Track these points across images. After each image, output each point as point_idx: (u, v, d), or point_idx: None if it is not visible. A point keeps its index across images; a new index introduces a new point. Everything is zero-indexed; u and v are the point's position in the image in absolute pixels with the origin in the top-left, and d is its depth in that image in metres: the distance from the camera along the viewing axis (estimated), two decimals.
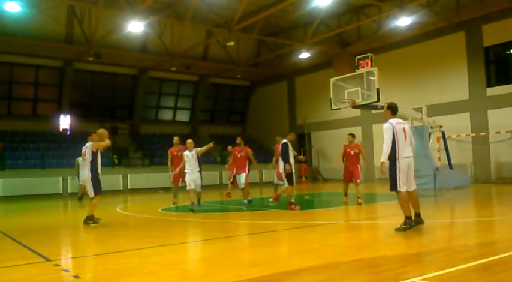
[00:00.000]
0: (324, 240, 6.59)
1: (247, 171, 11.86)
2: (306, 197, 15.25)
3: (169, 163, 12.33)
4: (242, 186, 11.74)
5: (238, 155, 11.86)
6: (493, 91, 19.24)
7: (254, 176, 25.04)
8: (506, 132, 17.83)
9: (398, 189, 6.81)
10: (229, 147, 12.82)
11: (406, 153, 6.82)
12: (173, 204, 12.27)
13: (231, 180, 12.10)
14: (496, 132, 18.44)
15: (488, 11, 18.86)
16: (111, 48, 22.55)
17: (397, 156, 6.77)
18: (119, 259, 5.75)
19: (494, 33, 19.14)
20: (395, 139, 6.80)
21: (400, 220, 6.96)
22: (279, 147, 10.66)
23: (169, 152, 12.36)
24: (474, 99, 19.71)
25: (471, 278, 4.17)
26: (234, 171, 11.91)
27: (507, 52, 19.78)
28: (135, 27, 19.18)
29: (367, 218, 9.00)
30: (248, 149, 11.99)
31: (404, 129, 6.88)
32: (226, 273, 4.67)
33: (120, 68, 25.86)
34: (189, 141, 10.88)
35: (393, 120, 6.97)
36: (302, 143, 27.62)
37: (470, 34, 19.97)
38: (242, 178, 11.69)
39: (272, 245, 6.34)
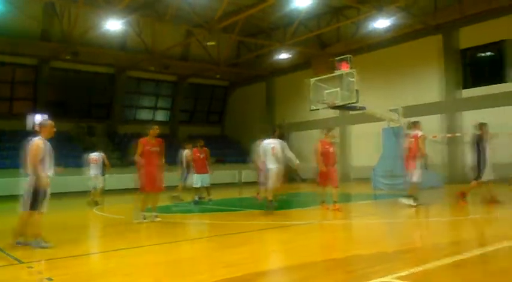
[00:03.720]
0: (298, 240, 6.65)
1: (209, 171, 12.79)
2: (283, 197, 15.30)
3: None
4: (207, 186, 12.74)
5: (201, 156, 12.67)
6: (468, 93, 19.68)
7: (233, 176, 25.16)
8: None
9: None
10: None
11: (271, 165, 9.51)
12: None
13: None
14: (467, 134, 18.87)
15: (465, 14, 19.27)
16: (89, 47, 22.23)
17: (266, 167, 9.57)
18: (94, 261, 5.70)
19: (470, 36, 19.58)
20: (264, 155, 9.54)
21: (374, 219, 7.08)
22: None
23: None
24: (450, 100, 20.13)
25: (442, 276, 4.28)
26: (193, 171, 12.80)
27: (482, 54, 20.29)
28: (114, 25, 18.96)
29: (341, 218, 9.11)
30: (207, 150, 12.92)
31: (272, 148, 9.54)
32: (202, 274, 4.68)
33: (98, 66, 25.51)
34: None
35: (266, 141, 9.68)
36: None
37: (447, 37, 20.38)
38: (207, 178, 12.63)
39: (247, 246, 6.37)
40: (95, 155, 13.97)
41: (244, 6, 19.66)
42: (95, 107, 27.36)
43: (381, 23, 19.86)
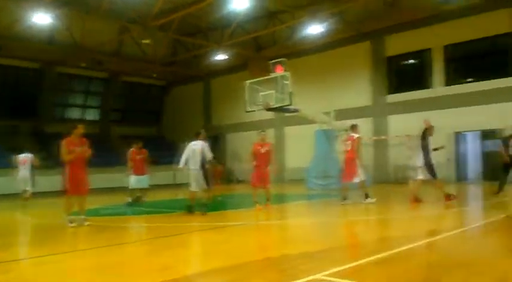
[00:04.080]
0: (233, 241, 6.70)
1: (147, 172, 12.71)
2: (218, 198, 15.33)
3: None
4: (147, 187, 12.66)
5: (138, 157, 12.50)
6: (393, 98, 20.84)
7: (168, 177, 24.80)
8: (405, 136, 19.34)
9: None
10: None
11: (191, 166, 9.70)
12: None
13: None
14: (395, 136, 20.00)
15: (391, 24, 20.39)
16: (13, 40, 20.84)
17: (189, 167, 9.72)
18: (13, 268, 5.36)
19: (395, 45, 20.77)
20: (191, 156, 9.66)
21: (307, 219, 7.28)
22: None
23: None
24: (376, 105, 21.21)
25: (369, 272, 4.49)
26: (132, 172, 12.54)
27: (405, 62, 21.60)
28: (42, 19, 17.94)
29: (275, 218, 9.30)
30: (146, 151, 12.78)
31: (194, 150, 9.72)
32: (136, 278, 4.59)
33: (23, 61, 24.02)
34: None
35: (193, 142, 9.84)
36: (217, 144, 27.72)
37: (374, 44, 21.48)
38: (145, 179, 12.55)
39: (181, 248, 6.31)
40: (24, 156, 13.22)
41: (181, 4, 19.41)
42: (19, 104, 25.64)
43: (315, 29, 20.44)
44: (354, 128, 11.35)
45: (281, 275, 4.48)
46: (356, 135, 11.08)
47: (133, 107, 30.90)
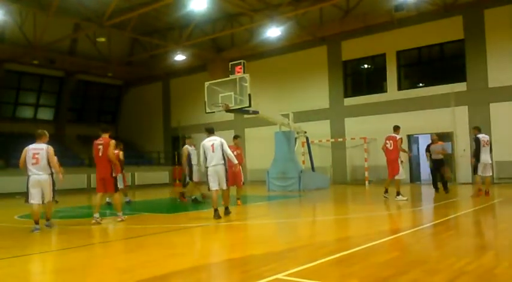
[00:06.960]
0: (196, 243, 6.66)
1: None
2: (178, 200, 15.16)
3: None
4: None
5: (121, 157, 12.97)
6: (349, 101, 21.38)
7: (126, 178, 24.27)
8: (360, 138, 19.91)
9: (211, 189, 9.00)
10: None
11: (213, 162, 8.91)
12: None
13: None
14: (352, 139, 20.52)
15: (346, 29, 20.92)
16: None
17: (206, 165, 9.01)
18: None
19: (351, 49, 21.32)
20: (205, 153, 8.98)
21: (269, 220, 7.33)
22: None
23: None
24: (334, 108, 21.68)
25: (328, 271, 4.59)
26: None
27: (361, 67, 22.22)
28: None
29: (238, 219, 9.30)
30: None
31: (212, 145, 8.99)
32: None
33: None
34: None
35: (206, 139, 9.11)
36: (176, 145, 27.41)
37: (331, 48, 21.95)
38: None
39: (143, 250, 6.19)
40: None
41: (138, 3, 19.05)
42: None
43: (273, 32, 20.61)
44: (396, 129, 11.92)
45: (244, 276, 4.50)
46: (398, 136, 11.66)
47: (89, 106, 30.03)
